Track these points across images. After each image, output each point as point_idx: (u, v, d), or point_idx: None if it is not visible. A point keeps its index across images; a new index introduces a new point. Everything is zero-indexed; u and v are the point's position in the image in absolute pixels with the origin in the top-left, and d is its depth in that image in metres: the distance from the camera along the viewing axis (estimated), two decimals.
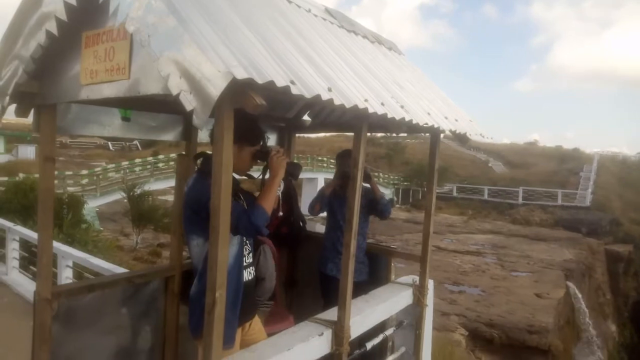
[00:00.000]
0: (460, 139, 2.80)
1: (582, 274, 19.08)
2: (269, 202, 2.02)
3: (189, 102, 1.32)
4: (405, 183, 38.76)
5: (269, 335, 2.30)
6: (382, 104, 1.93)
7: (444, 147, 43.78)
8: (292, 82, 1.43)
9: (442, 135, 2.94)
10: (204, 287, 1.68)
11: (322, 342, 2.17)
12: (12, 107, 2.08)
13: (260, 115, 2.32)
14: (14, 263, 8.40)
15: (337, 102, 1.60)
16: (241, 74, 1.25)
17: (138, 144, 48.53)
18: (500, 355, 11.53)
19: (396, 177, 39.60)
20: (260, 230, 1.98)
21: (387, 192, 37.83)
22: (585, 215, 28.74)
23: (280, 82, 1.37)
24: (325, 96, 1.55)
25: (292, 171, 2.23)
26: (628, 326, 20.52)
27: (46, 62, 1.90)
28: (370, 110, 1.79)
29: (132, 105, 2.53)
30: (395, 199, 38.15)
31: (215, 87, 1.25)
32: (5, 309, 7.03)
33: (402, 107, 2.10)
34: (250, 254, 2.25)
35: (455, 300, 13.93)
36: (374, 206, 3.64)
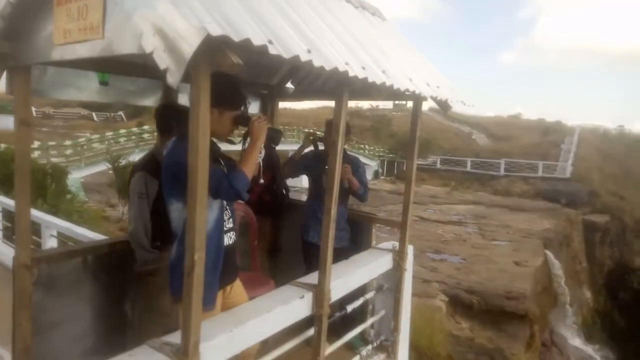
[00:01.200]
0: (442, 106, 2.81)
1: (560, 243, 19.59)
2: (250, 167, 2.02)
3: (162, 60, 1.29)
4: (391, 155, 38.93)
5: (251, 299, 2.34)
6: (363, 68, 1.92)
7: (428, 120, 44.11)
8: (270, 42, 1.41)
9: (426, 108, 2.95)
10: (184, 250, 1.68)
11: (302, 305, 2.22)
12: None
13: (242, 82, 2.30)
14: None
15: (316, 63, 1.59)
16: (216, 31, 1.23)
17: (123, 115, 47.63)
18: (479, 320, 11.88)
19: (382, 150, 39.72)
20: (240, 195, 1.99)
21: (372, 164, 38.01)
22: (565, 186, 29.28)
23: (258, 41, 1.35)
24: (304, 57, 1.53)
25: (274, 137, 2.22)
26: (602, 293, 21.25)
27: (17, 20, 1.84)
28: (351, 74, 1.78)
29: (110, 68, 2.48)
30: (380, 170, 38.37)
31: (189, 45, 1.23)
32: None
33: (383, 72, 2.09)
34: (231, 219, 2.26)
35: (437, 268, 14.23)
36: (353, 192, 3.59)
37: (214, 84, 1.47)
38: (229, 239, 2.23)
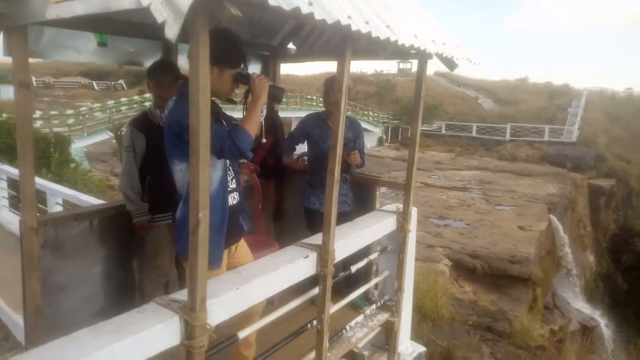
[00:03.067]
0: (448, 64, 2.75)
1: (565, 207, 19.61)
2: (252, 126, 2.01)
3: (160, 13, 1.26)
4: (395, 121, 38.62)
5: (255, 260, 2.36)
6: (367, 22, 1.87)
7: (434, 84, 43.51)
8: None
9: (432, 72, 2.89)
10: (189, 210, 1.71)
11: (307, 264, 2.24)
12: None
13: (243, 42, 2.25)
14: (4, 202, 8.39)
15: (317, 16, 1.54)
16: None
17: (123, 83, 47.31)
18: (483, 284, 12.04)
19: (386, 116, 39.39)
20: (244, 153, 1.98)
21: (376, 131, 37.77)
22: (571, 150, 29.10)
23: None
24: (305, 10, 1.48)
25: (275, 94, 2.19)
26: (605, 257, 21.41)
27: None
28: (354, 28, 1.73)
29: (108, 29, 2.43)
30: (384, 137, 38.18)
31: None
32: None
33: (387, 27, 2.03)
34: (234, 180, 2.26)
35: (441, 233, 14.33)
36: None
37: (213, 41, 1.43)
38: (232, 199, 2.23)
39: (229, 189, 2.20)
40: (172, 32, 1.24)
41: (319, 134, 3.39)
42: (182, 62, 2.75)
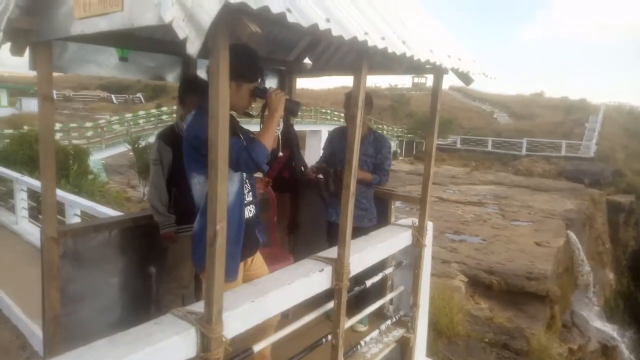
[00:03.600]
0: (463, 78, 2.76)
1: (583, 223, 19.25)
2: (269, 139, 2.03)
3: (182, 29, 1.29)
4: (409, 135, 38.56)
5: (271, 273, 2.36)
6: (383, 38, 1.89)
7: (449, 99, 43.44)
8: (289, 10, 1.39)
9: (447, 86, 2.89)
10: (206, 223, 1.74)
11: (322, 278, 2.23)
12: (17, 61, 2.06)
13: (260, 57, 2.29)
14: (23, 213, 8.54)
15: (335, 32, 1.56)
16: None
17: (141, 97, 48.12)
18: (499, 300, 11.83)
19: (400, 130, 39.35)
20: (260, 166, 2.00)
21: (390, 145, 37.72)
22: (589, 166, 28.68)
23: (276, 9, 1.33)
24: (322, 26, 1.51)
25: (292, 107, 2.21)
26: (626, 274, 20.91)
27: None
28: (370, 44, 1.75)
29: (130, 44, 2.49)
30: (398, 151, 38.10)
31: (208, 13, 1.22)
32: (17, 256, 7.22)
33: (403, 42, 2.05)
34: (250, 193, 2.28)
35: (456, 248, 14.17)
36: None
37: (232, 57, 1.46)
38: (249, 212, 2.25)
39: (246, 202, 2.22)
40: (193, 47, 1.27)
41: (340, 147, 3.40)
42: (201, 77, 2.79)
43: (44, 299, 2.28)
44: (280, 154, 2.38)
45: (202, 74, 2.85)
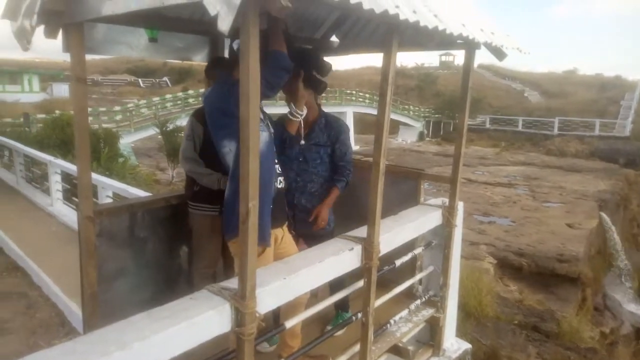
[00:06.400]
0: (496, 53, 2.67)
1: (617, 204, 18.71)
2: (280, 45, 2.09)
3: (213, 5, 1.28)
4: (437, 116, 37.93)
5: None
6: (414, 11, 1.84)
7: (478, 77, 42.43)
8: None
9: (476, 65, 2.81)
10: (236, 188, 1.87)
11: (352, 256, 2.23)
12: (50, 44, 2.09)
13: (287, 37, 2.26)
14: (58, 195, 8.82)
15: (366, 6, 1.52)
16: None
17: (167, 81, 48.67)
18: (529, 282, 11.66)
19: (427, 110, 38.76)
20: (287, 67, 2.08)
21: (417, 125, 37.20)
22: (624, 145, 27.74)
23: None
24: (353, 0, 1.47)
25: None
26: None
27: None
28: (402, 17, 1.71)
29: (158, 24, 2.50)
30: (425, 132, 37.59)
31: None
32: (54, 237, 7.49)
33: (435, 16, 1.99)
34: (278, 166, 2.35)
35: (485, 230, 13.98)
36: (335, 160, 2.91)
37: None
38: (279, 182, 2.35)
39: (277, 173, 2.32)
40: (224, 24, 1.26)
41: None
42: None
43: (82, 277, 2.36)
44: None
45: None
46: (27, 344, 4.78)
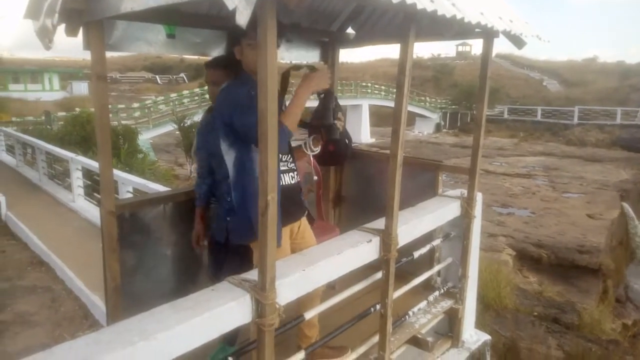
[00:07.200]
0: (515, 41, 2.63)
1: (639, 194, 18.34)
2: (293, 120, 2.03)
3: (231, 0, 1.29)
4: (453, 107, 37.52)
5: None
6: (432, 0, 1.82)
7: (495, 67, 41.68)
8: None
9: (493, 54, 2.77)
10: (243, 193, 2.02)
11: (370, 248, 2.24)
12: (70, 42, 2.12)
13: (303, 29, 2.27)
14: (79, 191, 8.99)
15: None
16: None
17: (184, 77, 49.07)
18: (548, 274, 11.54)
19: (443, 101, 38.36)
20: (281, 151, 2.03)
21: (433, 117, 36.86)
22: None
23: None
24: None
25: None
26: None
27: None
28: (419, 7, 1.69)
29: (176, 20, 2.52)
30: (442, 123, 37.23)
31: None
32: (76, 232, 7.65)
33: (453, 4, 1.96)
34: (291, 161, 2.33)
35: (504, 222, 13.86)
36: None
37: None
38: (291, 178, 2.31)
39: (285, 169, 2.28)
40: (243, 17, 1.27)
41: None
42: None
43: (105, 271, 2.41)
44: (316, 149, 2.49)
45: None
46: (52, 336, 4.91)
